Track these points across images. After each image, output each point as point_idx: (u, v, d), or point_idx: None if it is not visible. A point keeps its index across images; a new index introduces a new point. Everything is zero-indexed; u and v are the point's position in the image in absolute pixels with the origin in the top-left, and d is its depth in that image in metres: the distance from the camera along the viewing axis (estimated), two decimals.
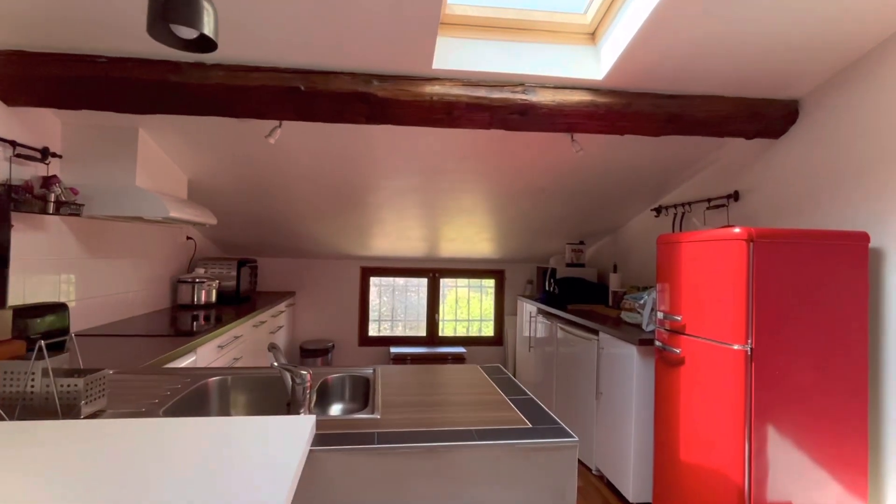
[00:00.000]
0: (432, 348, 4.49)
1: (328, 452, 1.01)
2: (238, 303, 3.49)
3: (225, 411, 1.53)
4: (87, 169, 2.17)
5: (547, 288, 4.09)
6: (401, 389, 1.45)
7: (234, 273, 3.55)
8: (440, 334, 4.78)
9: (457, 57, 1.92)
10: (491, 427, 1.16)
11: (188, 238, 3.46)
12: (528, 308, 4.19)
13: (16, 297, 1.90)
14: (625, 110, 2.07)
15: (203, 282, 3.19)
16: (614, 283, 3.43)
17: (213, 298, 3.28)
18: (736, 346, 1.77)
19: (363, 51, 1.79)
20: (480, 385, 1.52)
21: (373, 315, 4.72)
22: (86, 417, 1.13)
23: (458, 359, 4.35)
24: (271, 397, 1.59)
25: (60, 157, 2.11)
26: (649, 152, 2.65)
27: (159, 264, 3.09)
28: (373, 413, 1.22)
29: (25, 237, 1.94)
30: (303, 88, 1.86)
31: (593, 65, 2.02)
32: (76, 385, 1.11)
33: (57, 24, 1.62)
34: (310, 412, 1.23)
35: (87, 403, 1.12)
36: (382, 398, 1.36)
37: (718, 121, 2.17)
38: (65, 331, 1.96)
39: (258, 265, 4.43)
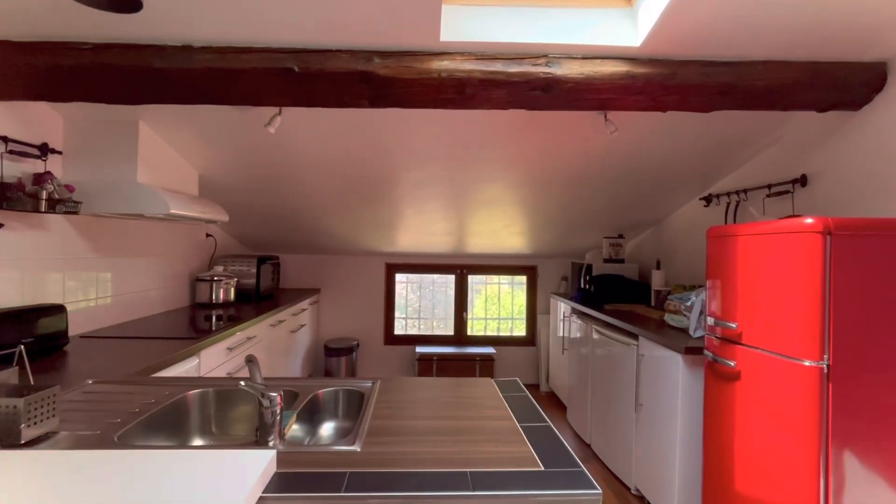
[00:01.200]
0: (460, 348, 4.28)
1: (282, 502, 0.82)
2: (258, 301, 3.41)
3: (206, 430, 1.39)
4: (88, 165, 2.09)
5: (582, 285, 3.79)
6: (396, 410, 1.25)
7: (254, 270, 3.47)
8: (469, 333, 4.57)
9: (467, 26, 1.68)
10: (493, 469, 0.93)
11: (208, 235, 3.40)
12: (561, 307, 3.90)
13: (13, 298, 1.83)
14: (667, 82, 1.77)
15: (220, 280, 3.12)
16: (657, 280, 3.09)
17: (232, 297, 3.20)
18: (807, 363, 1.45)
19: (361, 24, 1.59)
20: (491, 406, 1.30)
21: (400, 313, 4.56)
22: (29, 441, 0.99)
23: (487, 359, 4.13)
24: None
25: (60, 153, 2.03)
26: (698, 131, 2.32)
27: (178, 262, 3.04)
28: (353, 444, 1.03)
29: (23, 236, 1.88)
30: (296, 69, 1.68)
31: (629, 29, 1.73)
32: (15, 406, 0.97)
33: (41, 11, 1.51)
34: (281, 439, 1.05)
35: (29, 426, 0.99)
36: (372, 422, 1.17)
37: (783, 91, 1.82)
38: (62, 333, 1.90)
39: (281, 262, 4.36)
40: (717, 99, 1.84)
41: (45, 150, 1.96)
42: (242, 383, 1.05)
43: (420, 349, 4.19)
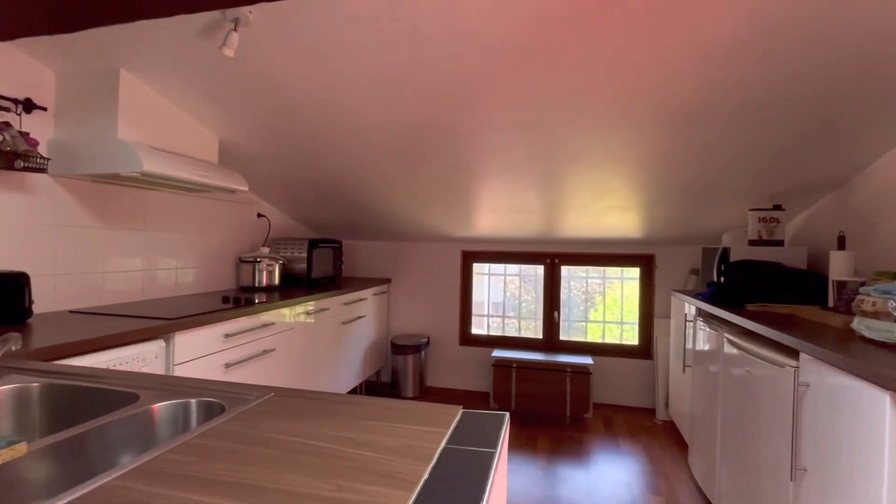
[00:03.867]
0: (549, 355, 3.47)
1: None
2: (310, 286, 3.09)
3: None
4: (74, 121, 1.90)
5: (715, 278, 2.72)
6: (206, 458, 0.65)
7: (305, 254, 3.17)
8: (562, 338, 3.72)
9: None
10: None
11: (259, 215, 3.19)
12: (686, 308, 2.86)
13: None
14: None
15: (261, 261, 2.85)
16: (839, 267, 1.95)
17: (276, 280, 2.92)
18: None
19: None
20: (390, 474, 0.61)
21: (481, 309, 3.92)
22: None
23: (581, 372, 3.25)
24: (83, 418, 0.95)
25: (45, 109, 1.87)
26: None
27: (220, 242, 2.84)
28: None
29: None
30: None
31: None
32: None
33: None
34: None
35: None
36: (155, 466, 0.58)
37: None
38: (20, 305, 1.69)
39: (348, 248, 4.05)
40: None
41: (30, 107, 1.81)
42: None
43: (498, 353, 3.49)
